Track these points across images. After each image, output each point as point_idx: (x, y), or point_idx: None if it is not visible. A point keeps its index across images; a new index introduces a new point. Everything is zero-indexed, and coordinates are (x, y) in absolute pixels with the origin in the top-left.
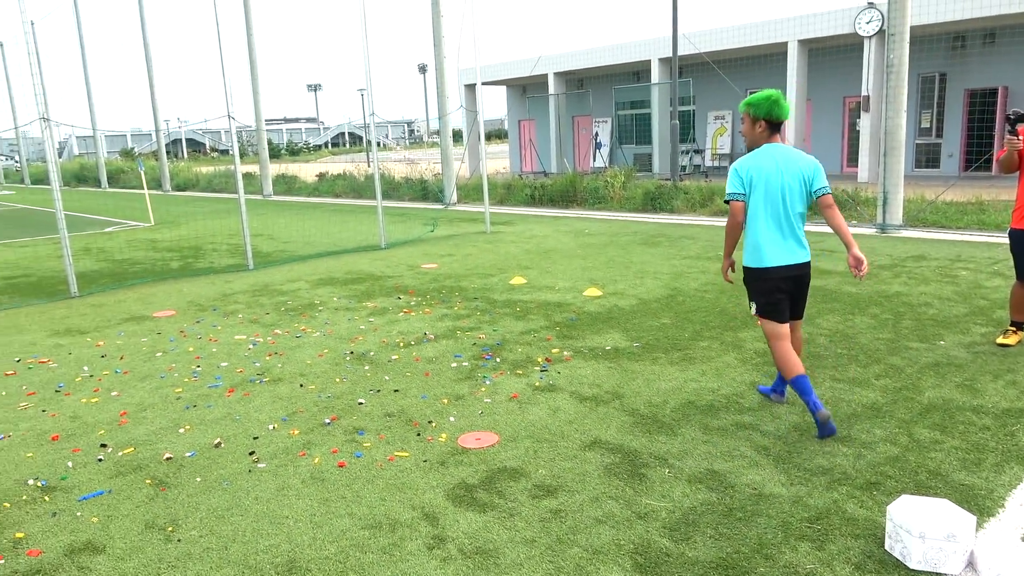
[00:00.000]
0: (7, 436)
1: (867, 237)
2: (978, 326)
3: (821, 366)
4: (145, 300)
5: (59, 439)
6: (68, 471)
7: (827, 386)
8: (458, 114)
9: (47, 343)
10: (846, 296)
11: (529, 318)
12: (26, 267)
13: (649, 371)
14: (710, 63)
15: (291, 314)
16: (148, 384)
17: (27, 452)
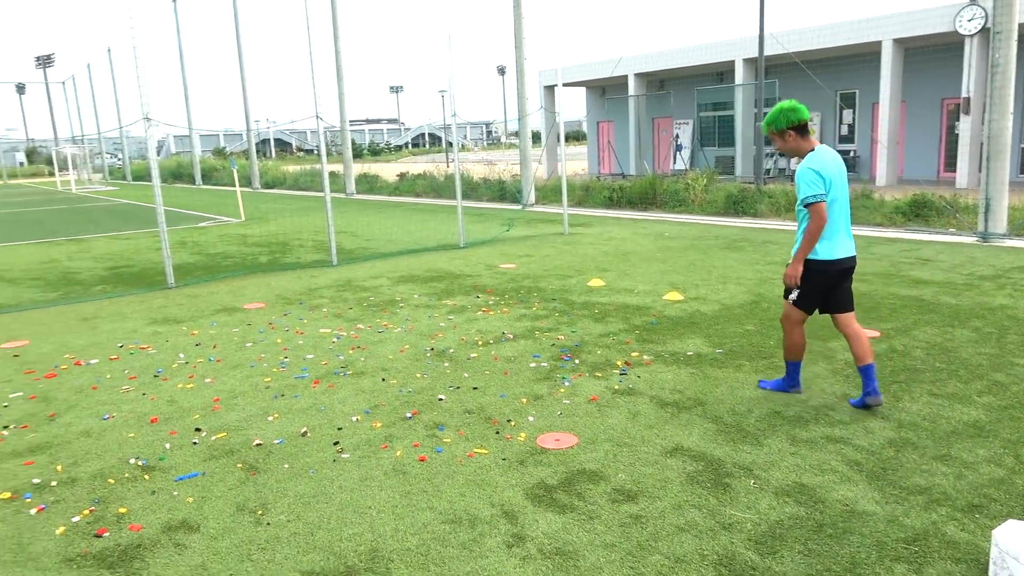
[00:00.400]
0: (111, 416)
1: (967, 246)
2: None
3: (918, 380)
4: (236, 292)
5: (158, 422)
6: (166, 452)
7: (924, 401)
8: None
9: (147, 330)
10: (945, 307)
11: (608, 321)
12: (128, 258)
13: (733, 378)
14: (799, 64)
15: (373, 310)
16: (239, 373)
17: (129, 432)
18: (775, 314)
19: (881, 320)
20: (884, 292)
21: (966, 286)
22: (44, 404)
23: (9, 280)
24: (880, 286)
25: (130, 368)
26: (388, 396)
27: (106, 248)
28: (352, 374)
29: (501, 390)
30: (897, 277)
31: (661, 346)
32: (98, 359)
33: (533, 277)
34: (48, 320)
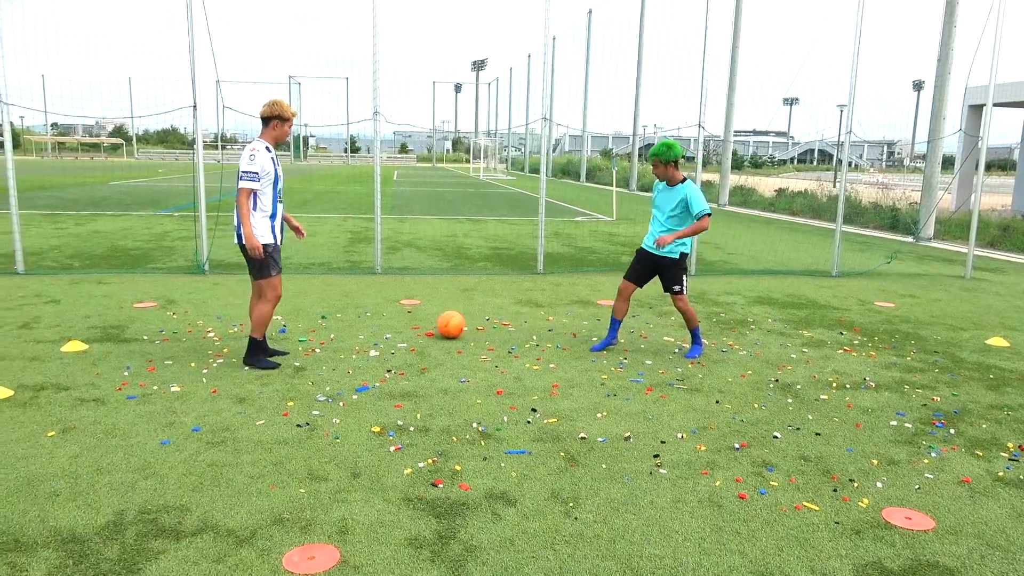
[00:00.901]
0: (467, 381)
1: None
2: None
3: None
4: (594, 287)
5: (502, 394)
6: (503, 424)
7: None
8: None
9: (511, 309)
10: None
11: (1005, 391)
12: (510, 241)
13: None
14: None
15: (721, 326)
16: (580, 364)
17: (477, 399)
18: None
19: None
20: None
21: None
22: (419, 358)
23: (418, 247)
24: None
25: (490, 340)
26: (719, 420)
27: (494, 230)
28: (686, 389)
29: (849, 443)
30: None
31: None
32: (467, 327)
33: (914, 322)
34: (438, 285)
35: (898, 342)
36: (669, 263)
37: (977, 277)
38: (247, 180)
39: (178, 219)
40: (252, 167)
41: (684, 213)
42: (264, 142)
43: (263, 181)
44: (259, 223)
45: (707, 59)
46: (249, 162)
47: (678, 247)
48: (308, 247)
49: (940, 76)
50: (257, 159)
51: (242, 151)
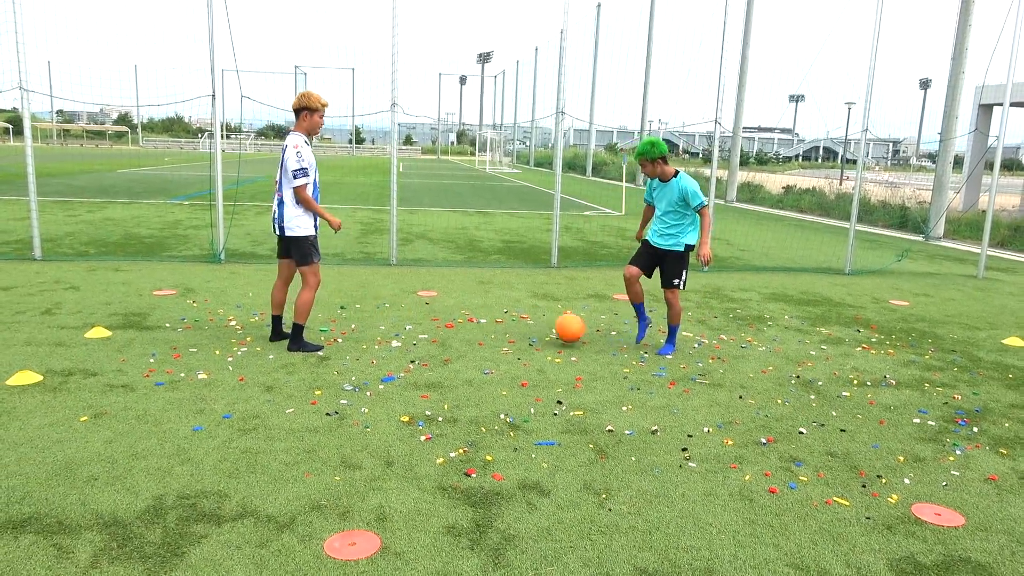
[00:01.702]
0: (491, 372)
1: None
2: None
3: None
4: (608, 281)
5: (527, 386)
6: (530, 416)
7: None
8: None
9: (528, 302)
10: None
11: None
12: (521, 235)
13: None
14: None
15: (739, 323)
16: (601, 358)
17: (502, 390)
18: None
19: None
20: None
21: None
22: (441, 349)
23: (430, 239)
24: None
25: (510, 333)
26: (744, 415)
27: (504, 223)
28: (708, 384)
29: (874, 440)
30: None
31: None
32: (486, 320)
33: (930, 321)
34: (453, 278)
35: (915, 340)
36: (674, 256)
37: (990, 277)
38: (302, 177)
39: (189, 208)
40: (302, 163)
41: (683, 206)
42: (300, 135)
43: (313, 178)
44: (302, 214)
45: (724, 57)
46: (297, 160)
47: (682, 239)
48: (322, 238)
49: (953, 75)
50: (303, 154)
51: (286, 145)
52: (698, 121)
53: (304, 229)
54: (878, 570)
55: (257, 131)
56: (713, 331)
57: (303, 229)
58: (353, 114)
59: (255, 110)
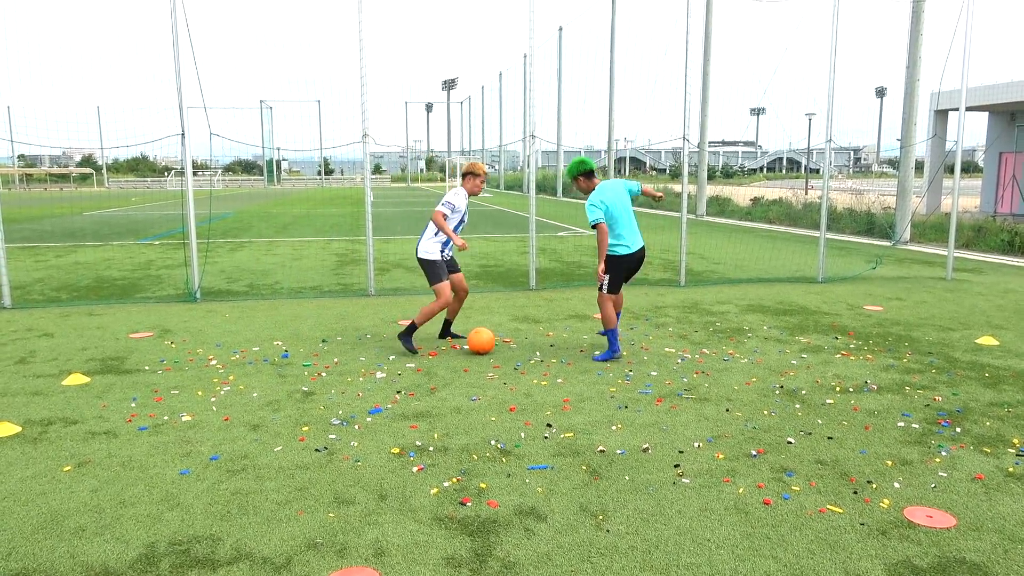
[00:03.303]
0: (478, 399)
1: None
2: None
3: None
4: (587, 301)
5: (515, 411)
6: (521, 440)
7: None
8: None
9: (509, 326)
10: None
11: (1002, 388)
12: (497, 259)
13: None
14: None
15: (719, 336)
16: (587, 378)
17: (491, 416)
18: None
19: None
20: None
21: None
22: (427, 378)
23: (407, 268)
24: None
25: (495, 358)
26: (732, 428)
27: (480, 248)
28: (695, 399)
29: (861, 446)
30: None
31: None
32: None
33: (905, 324)
34: None
35: (892, 344)
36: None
37: (957, 278)
38: (444, 207)
39: (160, 247)
40: (453, 200)
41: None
42: (463, 190)
43: (453, 215)
44: (432, 244)
45: (688, 73)
46: (453, 195)
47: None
48: (297, 271)
49: (909, 83)
50: (459, 197)
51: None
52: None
53: (430, 254)
54: (876, 575)
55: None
56: (695, 345)
57: (430, 254)
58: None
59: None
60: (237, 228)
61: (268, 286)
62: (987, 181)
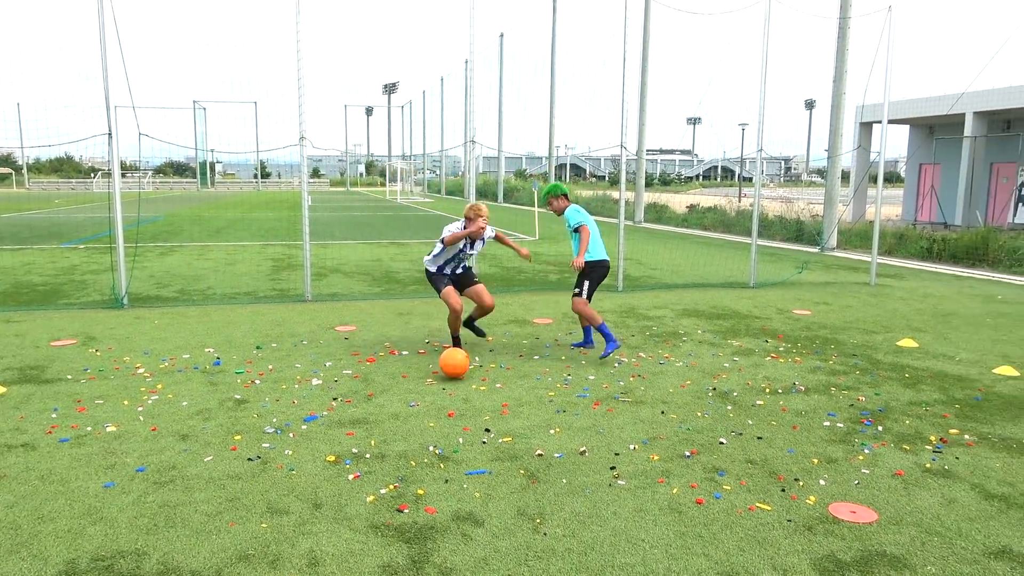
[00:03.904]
0: (416, 404)
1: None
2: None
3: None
4: (527, 307)
5: (454, 416)
6: (459, 446)
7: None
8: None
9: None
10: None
11: (920, 388)
12: None
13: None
14: None
15: (655, 340)
16: (525, 382)
17: (429, 422)
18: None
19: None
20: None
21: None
22: (364, 384)
23: (345, 273)
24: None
25: (433, 364)
26: (667, 430)
27: (420, 253)
28: (631, 402)
29: (789, 445)
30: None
31: (988, 427)
32: (408, 351)
33: (831, 327)
34: (372, 311)
35: (819, 347)
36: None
37: (881, 283)
38: (438, 241)
39: (85, 251)
40: (444, 234)
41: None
42: (460, 225)
43: (446, 249)
44: (428, 262)
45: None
46: (447, 231)
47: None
48: (231, 276)
49: (836, 96)
50: (451, 229)
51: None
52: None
53: (429, 268)
54: (803, 570)
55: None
56: (632, 349)
57: (429, 269)
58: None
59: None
60: (168, 232)
61: (200, 291)
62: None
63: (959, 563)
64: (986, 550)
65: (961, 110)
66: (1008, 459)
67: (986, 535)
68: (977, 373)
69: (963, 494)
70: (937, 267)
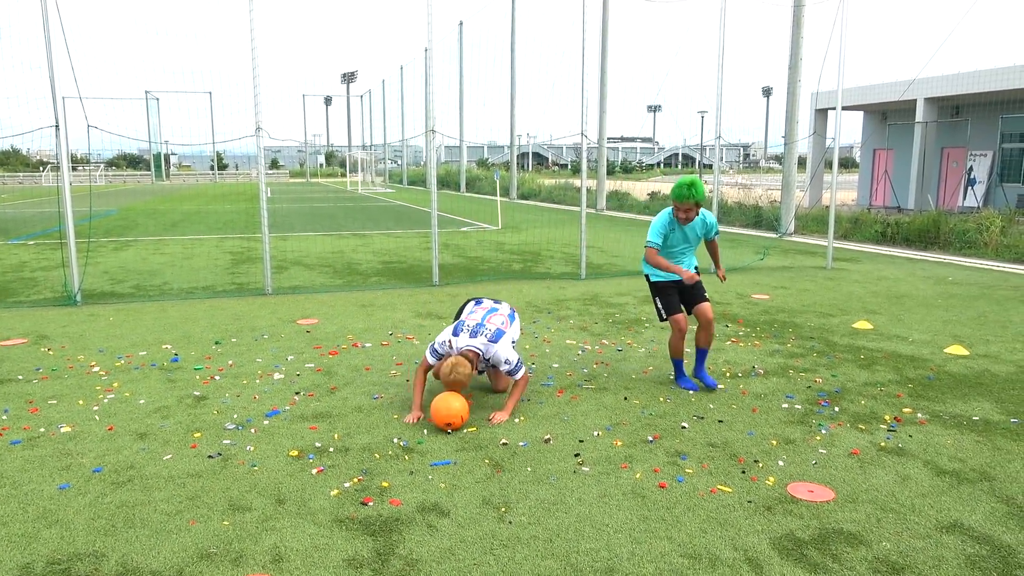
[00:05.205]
0: (380, 397)
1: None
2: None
3: None
4: (491, 296)
5: None
6: (423, 437)
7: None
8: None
9: (412, 322)
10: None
11: (875, 368)
12: (400, 255)
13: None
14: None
15: (618, 327)
16: None
17: (394, 414)
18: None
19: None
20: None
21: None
22: (327, 378)
23: (306, 265)
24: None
25: (397, 355)
26: (630, 416)
27: (381, 244)
28: (595, 388)
29: (749, 427)
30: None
31: (939, 405)
32: (371, 343)
33: (789, 311)
34: (334, 303)
35: (777, 331)
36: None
37: (837, 267)
38: (437, 349)
39: (35, 248)
40: (434, 345)
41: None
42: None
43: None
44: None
45: (585, 72)
46: (436, 342)
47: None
48: (188, 271)
49: (792, 83)
50: (442, 341)
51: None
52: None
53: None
54: (762, 550)
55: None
56: (595, 337)
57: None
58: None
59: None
60: (121, 226)
61: (156, 287)
62: (863, 176)
63: (913, 538)
64: (938, 524)
65: (912, 96)
66: (959, 436)
67: (938, 510)
68: (929, 353)
69: (916, 471)
70: (891, 250)
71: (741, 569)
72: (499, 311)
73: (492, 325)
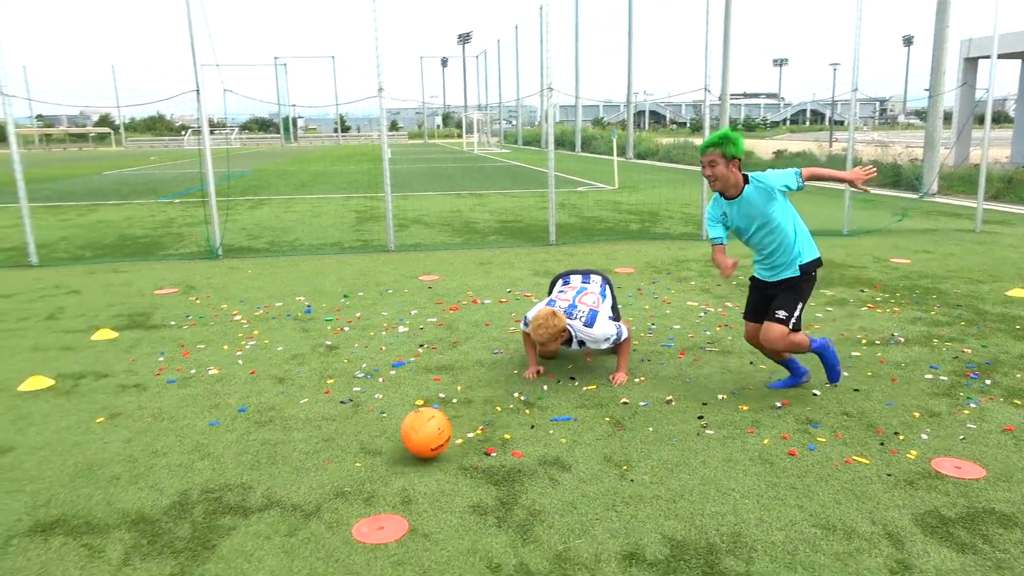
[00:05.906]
0: (500, 352)
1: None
2: None
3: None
4: (608, 256)
5: None
6: (544, 393)
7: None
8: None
9: (530, 280)
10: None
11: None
12: (516, 214)
13: None
14: None
15: (743, 289)
16: None
17: (514, 369)
18: None
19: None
20: None
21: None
22: (449, 332)
23: (426, 224)
24: None
25: (516, 312)
26: (755, 380)
27: (498, 204)
28: (718, 352)
29: (888, 398)
30: None
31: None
32: (490, 300)
33: (932, 277)
34: (453, 260)
35: (920, 297)
36: (787, 284)
37: (987, 230)
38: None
39: (181, 206)
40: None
41: (783, 213)
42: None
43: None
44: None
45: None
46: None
47: (795, 259)
48: (317, 228)
49: (939, 30)
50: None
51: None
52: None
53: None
54: (903, 525)
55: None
56: (717, 299)
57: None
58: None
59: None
60: (256, 186)
61: (288, 243)
62: (1018, 131)
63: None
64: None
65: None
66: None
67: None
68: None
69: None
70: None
71: (880, 543)
72: (588, 289)
73: (584, 306)
